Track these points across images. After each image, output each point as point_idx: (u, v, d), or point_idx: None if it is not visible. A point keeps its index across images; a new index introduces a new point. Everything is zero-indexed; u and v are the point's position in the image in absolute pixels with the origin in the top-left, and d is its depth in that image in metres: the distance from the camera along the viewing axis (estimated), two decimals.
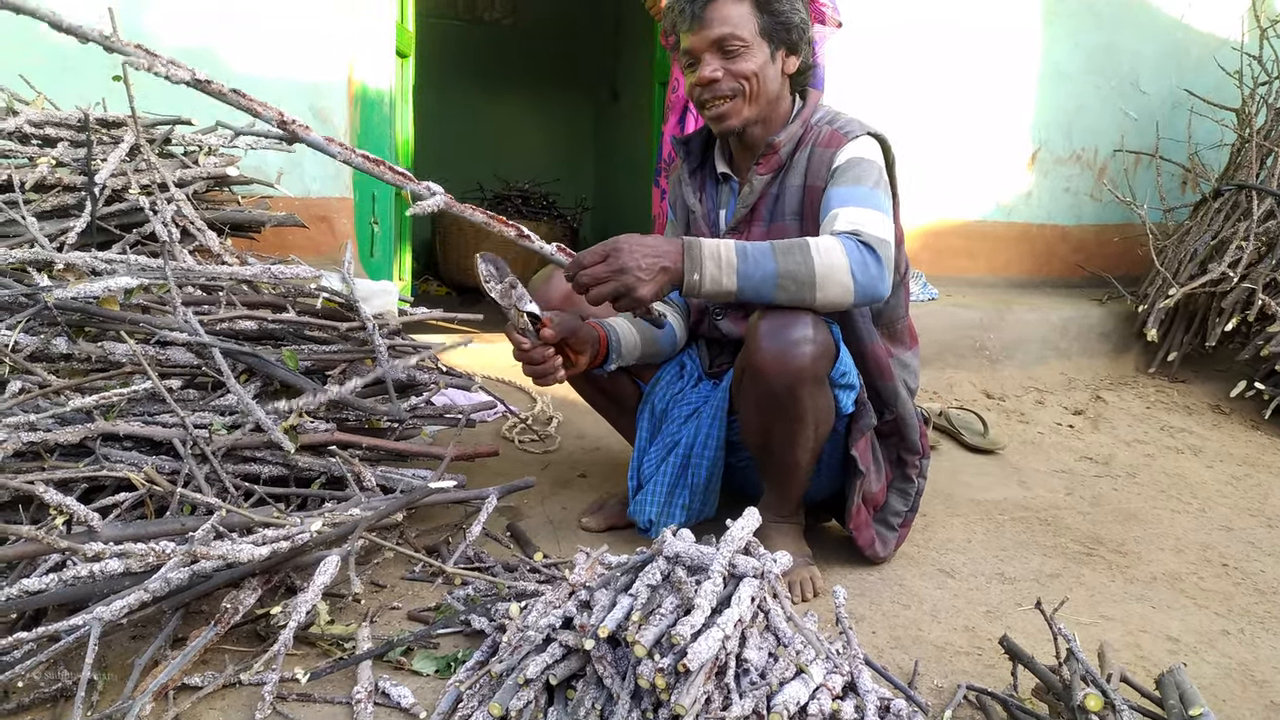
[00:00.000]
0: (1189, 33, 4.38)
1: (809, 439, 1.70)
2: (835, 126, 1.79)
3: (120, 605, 1.25)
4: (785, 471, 1.76)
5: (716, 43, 1.73)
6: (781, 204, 1.82)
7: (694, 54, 1.76)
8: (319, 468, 1.79)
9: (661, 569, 1.23)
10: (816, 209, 1.77)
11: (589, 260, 1.54)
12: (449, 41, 6.35)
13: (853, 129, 1.78)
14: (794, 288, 1.55)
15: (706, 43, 1.73)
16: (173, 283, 1.72)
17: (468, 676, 1.31)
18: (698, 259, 1.54)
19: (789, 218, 1.81)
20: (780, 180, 1.82)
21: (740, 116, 1.78)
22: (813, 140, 1.80)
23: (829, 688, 1.18)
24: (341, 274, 1.97)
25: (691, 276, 1.54)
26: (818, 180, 1.77)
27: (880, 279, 1.57)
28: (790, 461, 1.74)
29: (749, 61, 1.74)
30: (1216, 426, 3.23)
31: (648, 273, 1.53)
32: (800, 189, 1.79)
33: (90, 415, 1.65)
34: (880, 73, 3.78)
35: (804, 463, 1.74)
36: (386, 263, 3.40)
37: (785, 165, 1.81)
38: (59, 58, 2.72)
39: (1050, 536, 2.15)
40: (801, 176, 1.79)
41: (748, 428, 1.78)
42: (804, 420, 1.67)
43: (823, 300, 1.56)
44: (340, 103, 3.07)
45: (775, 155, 1.80)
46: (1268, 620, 1.78)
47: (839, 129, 1.78)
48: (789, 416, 1.66)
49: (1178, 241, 3.75)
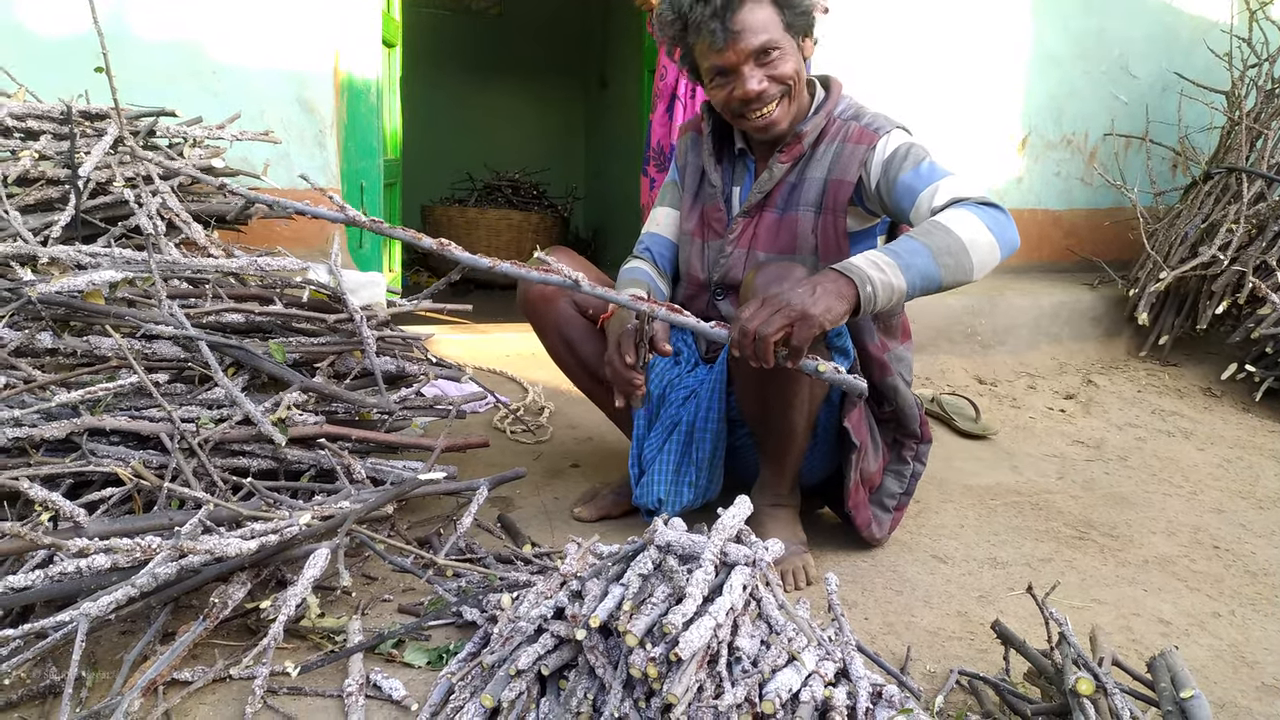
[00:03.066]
0: (1178, 16, 4.38)
1: (804, 399, 1.70)
2: (863, 123, 1.78)
3: (108, 601, 1.24)
4: (781, 439, 1.76)
5: (754, 53, 1.68)
6: (799, 193, 1.81)
7: (729, 68, 1.70)
8: (308, 460, 1.78)
9: (653, 558, 1.23)
10: (838, 203, 1.77)
11: (748, 315, 1.43)
12: (437, 31, 6.31)
13: (882, 125, 1.77)
14: (953, 261, 1.50)
15: (744, 55, 1.67)
16: (157, 276, 1.71)
17: (459, 668, 1.31)
18: (860, 273, 1.44)
19: (804, 208, 1.80)
20: (800, 170, 1.81)
21: (787, 118, 1.76)
22: (839, 135, 1.78)
23: (821, 674, 1.18)
24: (329, 265, 1.95)
25: (865, 289, 1.44)
26: (846, 174, 1.76)
27: (1010, 226, 1.57)
28: (785, 425, 1.73)
29: (787, 63, 1.71)
30: (1207, 409, 3.24)
31: (812, 293, 1.41)
32: (823, 182, 1.79)
33: (76, 410, 1.64)
34: (870, 58, 3.77)
35: (799, 427, 1.74)
36: (376, 254, 3.38)
37: (806, 155, 1.80)
38: (41, 50, 2.69)
39: (1042, 521, 2.16)
40: (825, 170, 1.78)
41: (745, 394, 1.77)
42: (798, 378, 1.66)
43: (979, 263, 1.53)
44: (326, 92, 3.05)
45: (799, 144, 1.79)
46: (1259, 602, 1.79)
47: (867, 126, 1.77)
48: (785, 377, 1.65)
49: (1168, 225, 3.75)
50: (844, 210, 1.78)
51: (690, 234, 1.96)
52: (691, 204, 1.97)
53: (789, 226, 1.82)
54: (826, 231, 1.80)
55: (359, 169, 3.23)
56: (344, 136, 3.15)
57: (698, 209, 1.95)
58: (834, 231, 1.80)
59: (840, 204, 1.77)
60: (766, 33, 1.67)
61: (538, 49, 6.75)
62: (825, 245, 1.80)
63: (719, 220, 1.91)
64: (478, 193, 5.89)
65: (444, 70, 6.37)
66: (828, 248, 1.80)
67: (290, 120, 3.01)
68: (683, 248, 1.99)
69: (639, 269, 1.99)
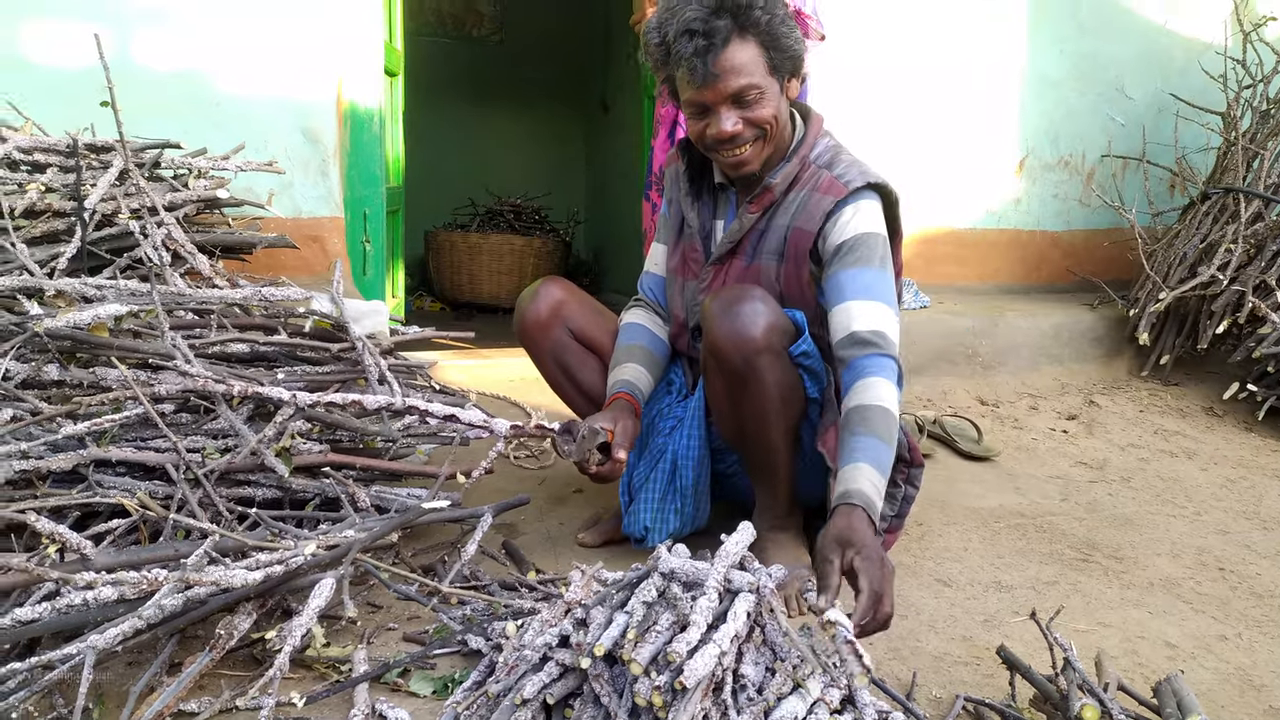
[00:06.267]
0: (1172, 38, 4.41)
1: (779, 416, 1.71)
2: (835, 173, 1.76)
3: (114, 633, 1.24)
4: (764, 457, 1.77)
5: (733, 96, 1.65)
6: (765, 241, 1.81)
7: (706, 106, 1.68)
8: (313, 489, 1.79)
9: (657, 585, 1.23)
10: (799, 252, 1.77)
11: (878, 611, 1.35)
12: (438, 59, 6.36)
13: (853, 179, 1.74)
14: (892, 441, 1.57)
15: (722, 96, 1.65)
16: (160, 309, 1.72)
17: (465, 697, 1.30)
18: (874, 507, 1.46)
19: (767, 256, 1.81)
20: (769, 217, 1.80)
21: (760, 160, 1.75)
22: (809, 183, 1.77)
23: (827, 702, 1.18)
24: (331, 294, 1.97)
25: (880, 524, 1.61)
26: (808, 224, 1.75)
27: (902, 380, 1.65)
28: (764, 442, 1.74)
29: (766, 107, 1.68)
30: (1210, 429, 3.24)
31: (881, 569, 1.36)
32: (785, 229, 1.78)
33: (83, 442, 1.65)
34: (868, 83, 3.80)
35: (779, 444, 1.74)
36: (379, 281, 3.40)
37: (777, 203, 1.80)
38: (47, 83, 2.72)
39: (1046, 543, 2.15)
40: (790, 217, 1.77)
41: (720, 416, 1.79)
42: (768, 395, 1.67)
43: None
44: (329, 122, 3.08)
45: (770, 194, 1.78)
46: (1265, 624, 1.78)
47: (839, 177, 1.75)
48: (753, 392, 1.67)
49: (1167, 245, 3.76)
50: (805, 259, 1.77)
51: (674, 272, 1.97)
52: (675, 242, 1.97)
53: (753, 275, 1.81)
54: (790, 280, 1.79)
55: (362, 197, 3.25)
56: (347, 165, 3.18)
57: (680, 248, 1.95)
58: (798, 280, 1.79)
59: (801, 253, 1.77)
60: (748, 76, 1.64)
61: (539, 74, 6.79)
62: (790, 293, 1.80)
63: (696, 260, 1.91)
64: (480, 218, 5.92)
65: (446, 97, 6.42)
66: (792, 295, 1.79)
67: (294, 150, 3.04)
68: (669, 285, 2.00)
69: (636, 329, 1.97)
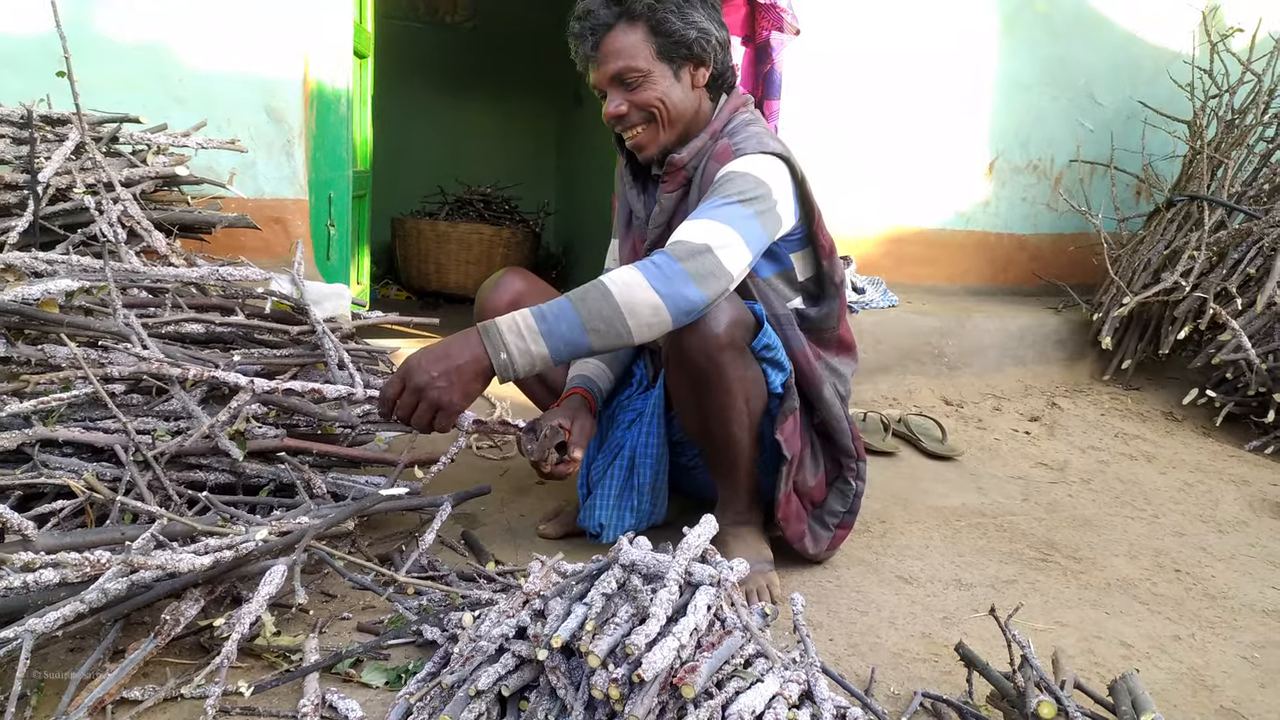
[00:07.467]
0: (1142, 46, 4.46)
1: (740, 411, 1.70)
2: (733, 141, 1.74)
3: (55, 617, 1.20)
4: (727, 453, 1.75)
5: (615, 77, 1.71)
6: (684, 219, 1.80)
7: (599, 89, 1.76)
8: (268, 474, 1.75)
9: (617, 577, 1.21)
10: None
11: (391, 393, 1.46)
12: (410, 43, 6.29)
13: (746, 147, 1.72)
14: (604, 326, 1.46)
15: (606, 78, 1.72)
16: (113, 285, 1.68)
17: (418, 688, 1.28)
18: (497, 338, 1.45)
19: None
20: (689, 195, 1.79)
21: (657, 144, 1.76)
22: (710, 153, 1.76)
23: (785, 696, 1.17)
24: (291, 276, 1.92)
25: (499, 357, 1.45)
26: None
27: (684, 280, 1.49)
28: (727, 438, 1.73)
29: (650, 90, 1.71)
30: (1169, 433, 3.28)
31: (447, 378, 1.44)
32: (696, 204, 1.76)
33: (29, 420, 1.60)
34: (840, 80, 3.80)
35: (742, 440, 1.73)
36: (343, 266, 3.34)
37: (691, 179, 1.79)
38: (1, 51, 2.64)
39: (1007, 543, 2.16)
40: (699, 191, 1.76)
41: (682, 410, 1.78)
42: (731, 391, 1.66)
43: (637, 326, 1.48)
44: (295, 101, 3.02)
45: (681, 173, 1.78)
46: (1218, 625, 1.80)
47: (733, 145, 1.73)
48: (715, 388, 1.66)
49: (1132, 251, 3.80)
50: None
51: (626, 263, 1.94)
52: (625, 233, 1.97)
53: None
54: None
55: (327, 179, 3.20)
56: (312, 147, 3.12)
57: (630, 239, 1.95)
58: None
59: None
60: (628, 59, 1.69)
61: (512, 64, 6.74)
62: None
63: (642, 249, 1.90)
64: (449, 206, 5.86)
65: (417, 83, 6.35)
66: None
67: (258, 129, 2.98)
68: None
69: None
